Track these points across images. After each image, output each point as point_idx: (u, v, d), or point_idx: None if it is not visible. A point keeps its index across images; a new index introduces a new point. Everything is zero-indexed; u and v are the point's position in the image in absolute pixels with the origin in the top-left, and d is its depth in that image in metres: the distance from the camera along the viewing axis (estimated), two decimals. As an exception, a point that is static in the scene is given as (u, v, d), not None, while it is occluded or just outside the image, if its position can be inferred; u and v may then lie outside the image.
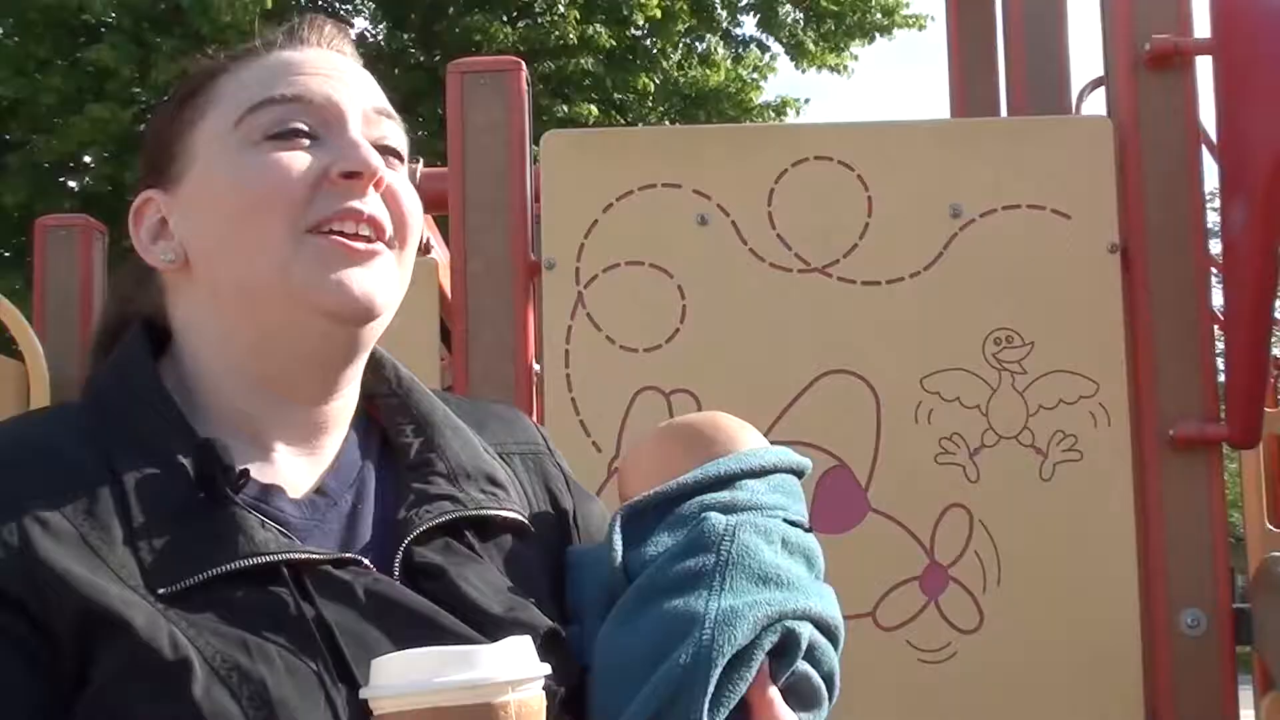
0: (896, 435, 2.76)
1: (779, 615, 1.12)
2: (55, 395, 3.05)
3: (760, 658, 1.11)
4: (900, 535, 2.72)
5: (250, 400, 1.16)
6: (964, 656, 2.69)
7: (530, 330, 2.87)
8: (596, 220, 2.82)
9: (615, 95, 13.76)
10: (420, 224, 1.20)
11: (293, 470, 1.16)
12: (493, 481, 1.20)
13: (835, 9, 14.53)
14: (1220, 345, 2.89)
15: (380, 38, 14.49)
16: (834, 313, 2.79)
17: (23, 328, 3.05)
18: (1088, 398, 2.75)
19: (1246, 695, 3.08)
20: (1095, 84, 3.69)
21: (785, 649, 1.13)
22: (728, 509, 1.19)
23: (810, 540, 1.23)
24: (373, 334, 1.18)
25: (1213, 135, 2.85)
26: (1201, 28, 2.85)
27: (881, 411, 2.76)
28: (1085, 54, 3.80)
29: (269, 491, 1.12)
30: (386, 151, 1.18)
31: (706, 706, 1.07)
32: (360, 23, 14.87)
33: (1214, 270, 2.91)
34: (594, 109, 12.82)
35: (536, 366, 2.88)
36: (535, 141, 2.96)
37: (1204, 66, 2.84)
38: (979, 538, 2.72)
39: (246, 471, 1.09)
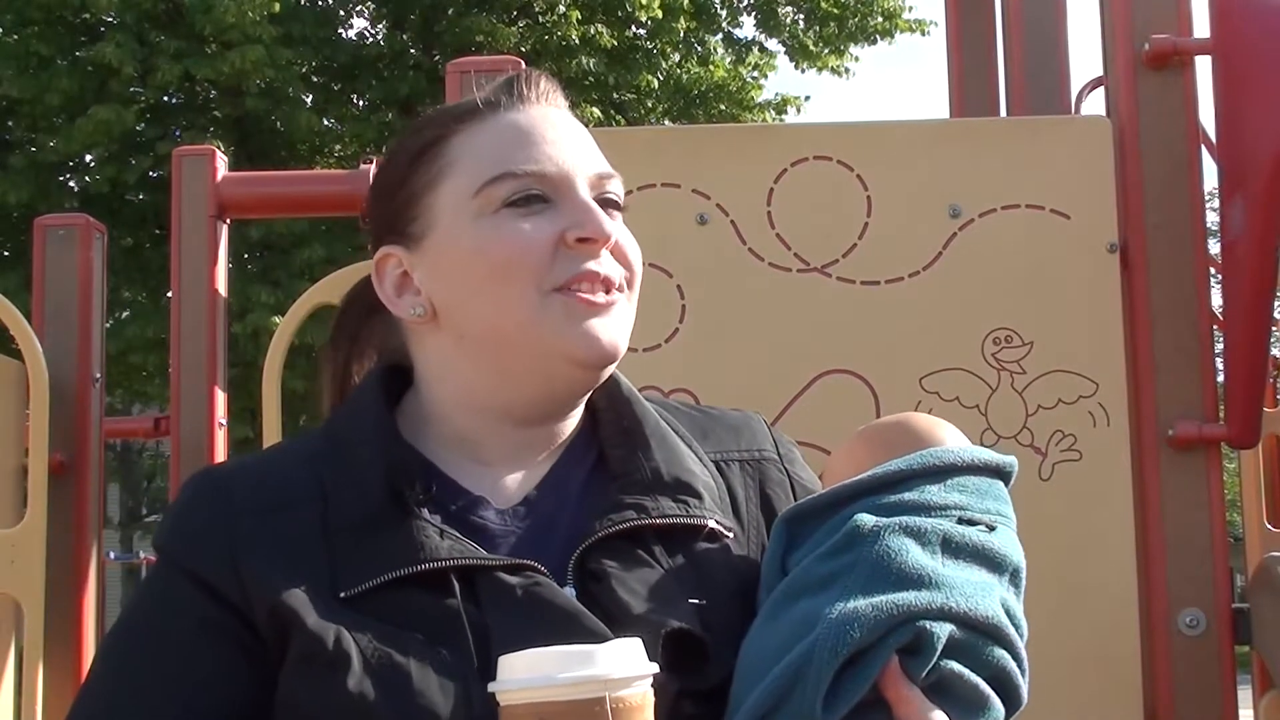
0: (896, 435, 2.75)
1: (908, 615, 1.13)
2: (54, 395, 3.05)
3: (885, 656, 1.13)
4: (899, 535, 2.71)
5: (478, 426, 1.27)
6: (963, 656, 2.69)
7: (530, 330, 2.87)
8: (596, 220, 2.81)
9: (616, 95, 13.76)
10: (641, 264, 1.30)
11: (507, 482, 1.27)
12: (688, 490, 1.27)
13: (836, 12, 14.54)
14: (1219, 345, 2.89)
15: (380, 38, 14.49)
16: (833, 312, 2.79)
17: (22, 327, 3.05)
18: (1087, 397, 2.75)
19: (1246, 695, 3.08)
20: (1094, 84, 3.69)
21: (919, 648, 1.14)
22: (888, 510, 1.21)
23: (989, 539, 1.22)
24: (609, 372, 1.29)
25: (1212, 135, 2.85)
26: (1201, 27, 2.86)
27: (881, 411, 2.75)
28: (1084, 54, 3.80)
29: (476, 502, 1.24)
30: (609, 205, 1.28)
31: (821, 703, 1.10)
32: (360, 23, 14.88)
33: (1213, 270, 2.91)
34: (595, 109, 12.82)
35: (536, 366, 2.88)
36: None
37: (1203, 66, 2.84)
38: (978, 537, 2.72)
39: (431, 485, 1.22)
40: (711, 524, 1.26)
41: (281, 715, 1.16)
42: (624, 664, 1.05)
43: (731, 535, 1.28)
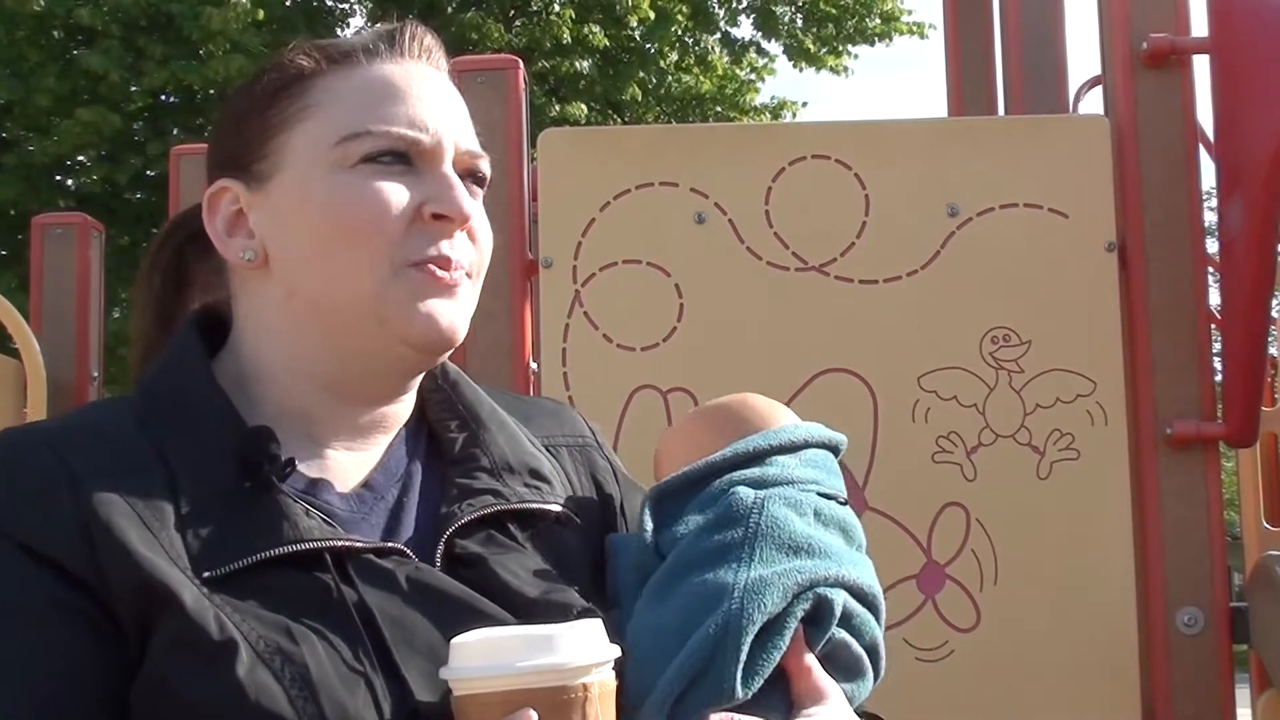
0: (893, 434, 2.75)
1: (810, 583, 1.13)
2: (52, 393, 3.05)
3: (794, 625, 1.12)
4: (897, 534, 2.72)
5: (307, 399, 1.19)
6: (961, 655, 2.69)
7: (527, 329, 2.87)
8: (594, 219, 2.82)
9: (610, 96, 13.75)
10: (491, 251, 1.23)
11: (342, 465, 1.19)
12: (536, 475, 1.23)
13: (834, 13, 14.54)
14: (1218, 344, 2.89)
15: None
16: (831, 311, 2.79)
17: (19, 326, 3.05)
18: (1085, 396, 2.75)
19: (1244, 694, 3.08)
20: (1092, 83, 3.69)
21: (819, 617, 1.14)
22: (757, 484, 1.20)
23: (846, 513, 1.23)
24: (443, 358, 1.22)
25: (1210, 134, 2.85)
26: (1199, 26, 2.86)
27: (879, 410, 2.76)
28: (1082, 53, 3.81)
29: (316, 485, 1.15)
30: (473, 179, 1.21)
31: (740, 675, 1.08)
32: (357, 21, 14.86)
33: (1211, 269, 2.91)
34: (587, 109, 12.82)
35: (534, 365, 2.88)
36: (532, 140, 2.95)
37: (1201, 65, 2.85)
38: (976, 536, 2.72)
39: (293, 461, 1.12)
40: (561, 509, 1.22)
41: (151, 704, 1.05)
42: (591, 648, 0.99)
43: (577, 521, 1.24)
